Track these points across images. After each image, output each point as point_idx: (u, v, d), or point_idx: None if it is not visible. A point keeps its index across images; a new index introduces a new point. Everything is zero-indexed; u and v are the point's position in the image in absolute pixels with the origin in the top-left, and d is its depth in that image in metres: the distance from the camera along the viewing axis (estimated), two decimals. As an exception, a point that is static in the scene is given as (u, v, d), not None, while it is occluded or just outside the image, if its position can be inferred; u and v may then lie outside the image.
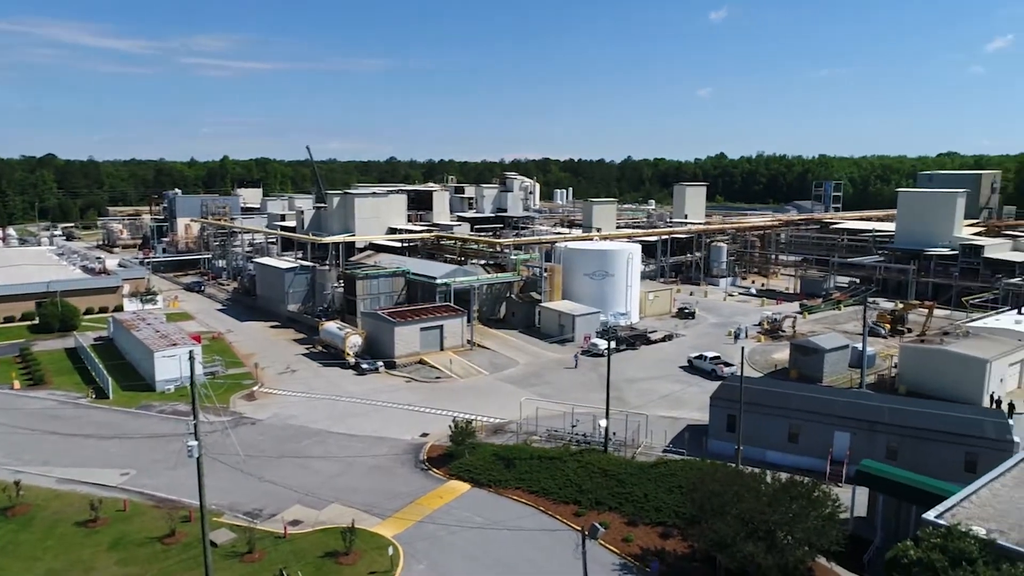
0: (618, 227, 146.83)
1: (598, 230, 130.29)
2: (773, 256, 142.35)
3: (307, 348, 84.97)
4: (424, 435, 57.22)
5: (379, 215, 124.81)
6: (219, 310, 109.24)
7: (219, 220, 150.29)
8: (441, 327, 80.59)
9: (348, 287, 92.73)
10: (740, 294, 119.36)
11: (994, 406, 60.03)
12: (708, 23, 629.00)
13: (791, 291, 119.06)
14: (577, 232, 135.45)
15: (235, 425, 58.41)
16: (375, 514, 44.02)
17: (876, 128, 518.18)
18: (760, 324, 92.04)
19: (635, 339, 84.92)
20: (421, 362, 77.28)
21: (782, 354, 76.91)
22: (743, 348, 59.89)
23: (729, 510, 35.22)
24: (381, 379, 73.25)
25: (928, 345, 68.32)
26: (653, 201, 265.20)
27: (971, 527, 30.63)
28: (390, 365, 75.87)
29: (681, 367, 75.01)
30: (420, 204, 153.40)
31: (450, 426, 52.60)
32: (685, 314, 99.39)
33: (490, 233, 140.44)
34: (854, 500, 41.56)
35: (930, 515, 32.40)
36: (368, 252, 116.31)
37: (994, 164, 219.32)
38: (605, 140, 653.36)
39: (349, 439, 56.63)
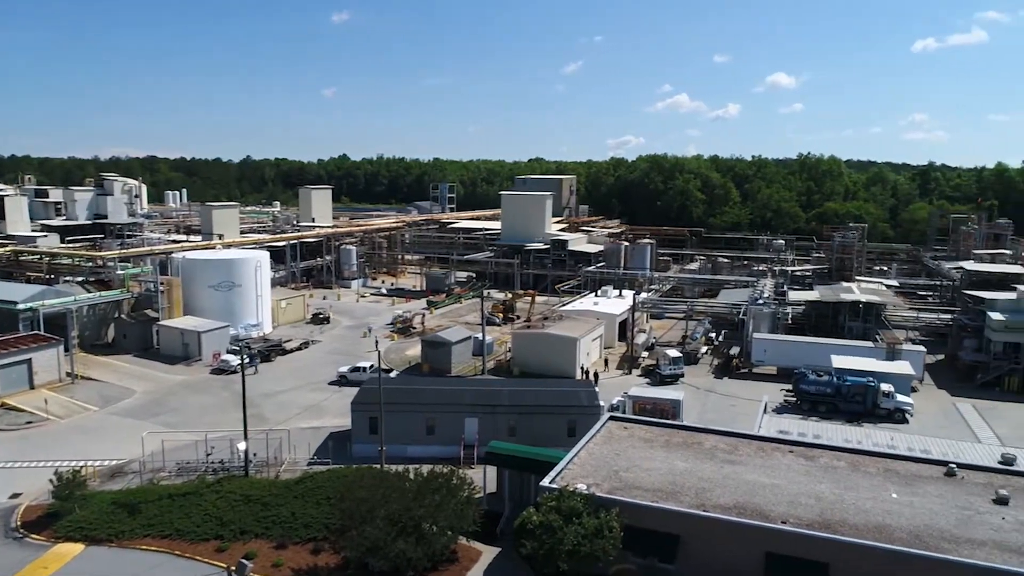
0: (242, 232, 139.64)
1: (220, 236, 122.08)
2: (400, 256, 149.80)
3: None
4: (15, 496, 47.42)
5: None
6: None
7: None
8: (29, 361, 67.70)
9: None
10: (372, 294, 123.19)
11: (584, 377, 72.14)
12: (330, 24, 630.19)
13: (418, 288, 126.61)
14: (196, 239, 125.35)
15: None
16: (-50, 609, 35.32)
17: (480, 134, 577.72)
18: (393, 323, 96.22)
19: (270, 350, 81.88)
20: (4, 406, 63.85)
21: (415, 350, 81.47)
22: (379, 352, 61.80)
23: (378, 513, 36.30)
24: (-55, 435, 58.63)
25: (532, 330, 78.98)
26: (278, 203, 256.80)
27: (576, 486, 36.50)
28: (-43, 416, 61.17)
29: (331, 383, 71.79)
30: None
31: (51, 479, 44.50)
32: (320, 319, 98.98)
33: (88, 244, 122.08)
34: (485, 479, 46.13)
35: (545, 482, 37.71)
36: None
37: (570, 169, 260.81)
38: (221, 137, 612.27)
39: (-100, 520, 44.25)
